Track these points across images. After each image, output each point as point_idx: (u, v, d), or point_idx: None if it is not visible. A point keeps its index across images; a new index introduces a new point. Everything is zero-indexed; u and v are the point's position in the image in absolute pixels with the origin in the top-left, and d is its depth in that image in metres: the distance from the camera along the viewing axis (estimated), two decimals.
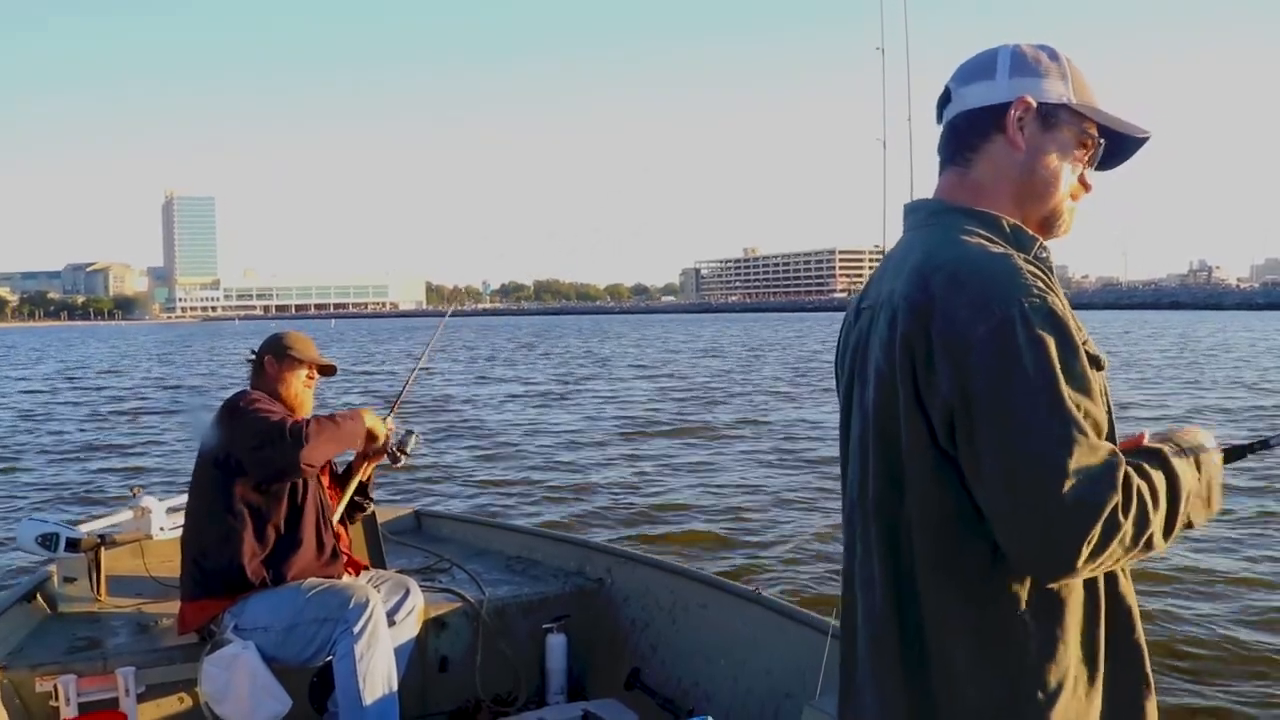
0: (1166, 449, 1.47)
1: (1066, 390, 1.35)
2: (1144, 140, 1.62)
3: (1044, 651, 1.42)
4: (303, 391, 3.92)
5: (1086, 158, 1.59)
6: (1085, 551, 1.31)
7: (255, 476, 3.59)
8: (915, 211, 1.63)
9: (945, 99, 1.65)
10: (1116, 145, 1.62)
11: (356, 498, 4.11)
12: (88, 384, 31.74)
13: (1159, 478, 1.41)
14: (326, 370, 4.02)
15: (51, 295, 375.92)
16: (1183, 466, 1.45)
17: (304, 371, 3.92)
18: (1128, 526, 1.34)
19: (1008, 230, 1.53)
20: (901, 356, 1.44)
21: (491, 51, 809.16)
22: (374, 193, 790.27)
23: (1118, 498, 1.33)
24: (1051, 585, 1.42)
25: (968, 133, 1.60)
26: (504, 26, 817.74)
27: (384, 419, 4.03)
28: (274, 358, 3.89)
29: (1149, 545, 1.39)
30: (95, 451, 15.93)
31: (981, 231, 1.51)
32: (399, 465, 4.14)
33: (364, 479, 4.11)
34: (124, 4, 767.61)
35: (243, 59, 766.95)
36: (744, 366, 33.34)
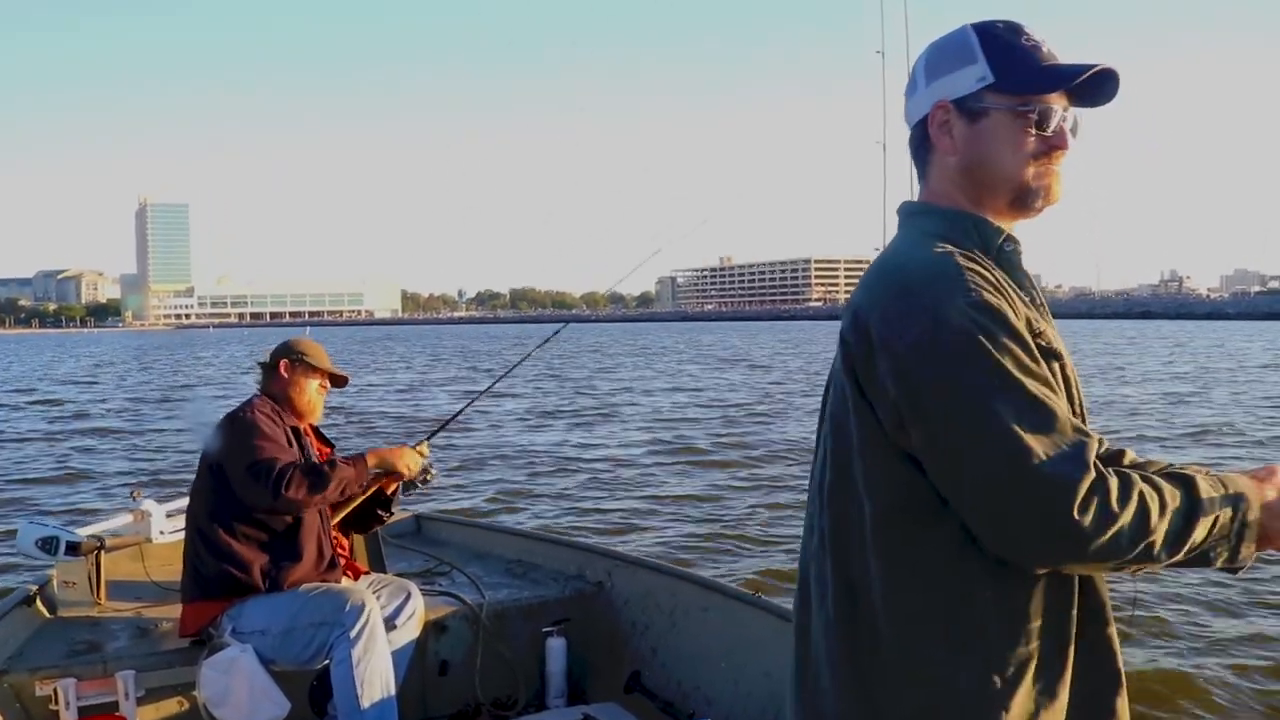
0: (1201, 477, 1.41)
1: (1014, 376, 1.34)
2: (1113, 73, 1.53)
3: (1008, 642, 1.41)
4: (315, 398, 3.97)
5: (1033, 124, 1.52)
6: (1085, 523, 1.29)
7: None
8: (899, 213, 1.66)
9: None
10: (1088, 88, 1.54)
11: (379, 511, 4.10)
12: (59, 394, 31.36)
13: (1172, 491, 1.37)
14: (339, 381, 4.07)
15: (23, 302, 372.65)
16: (1211, 495, 1.39)
17: (317, 380, 3.98)
18: (1125, 518, 1.31)
19: (971, 227, 1.54)
20: (844, 357, 1.48)
21: (479, 56, 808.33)
22: (349, 199, 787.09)
23: (1090, 477, 1.31)
24: (1019, 575, 1.41)
25: (914, 148, 1.64)
26: (495, 30, 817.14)
27: (416, 448, 4.05)
28: (289, 363, 3.94)
29: (1149, 552, 1.35)
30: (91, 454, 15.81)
31: (944, 231, 1.53)
32: (408, 494, 4.17)
33: (389, 493, 4.08)
34: (102, 9, 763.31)
35: (218, 65, 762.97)
36: (742, 377, 33.32)
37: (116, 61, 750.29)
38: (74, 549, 4.00)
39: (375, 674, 3.51)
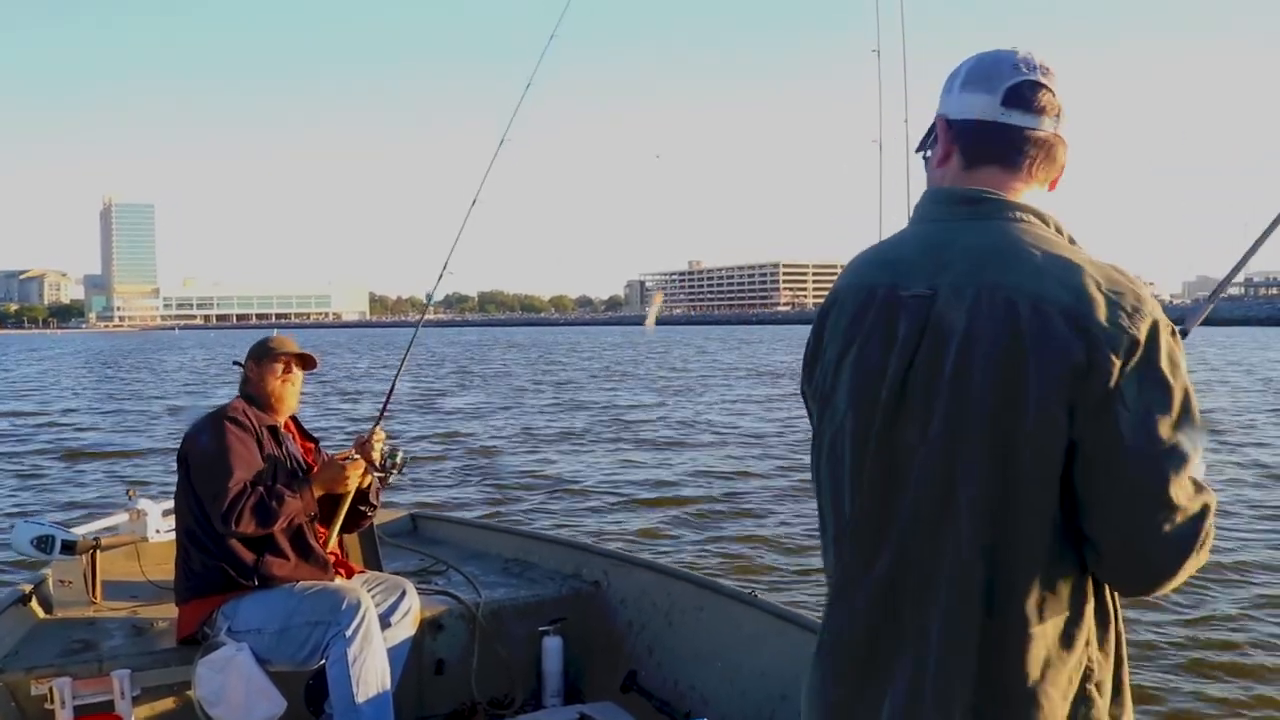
0: None
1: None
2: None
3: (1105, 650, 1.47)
4: (279, 388, 3.91)
5: None
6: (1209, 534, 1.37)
7: None
8: (967, 201, 1.54)
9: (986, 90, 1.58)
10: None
11: (361, 507, 4.04)
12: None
13: None
14: (305, 361, 4.00)
15: None
16: None
17: (279, 366, 3.92)
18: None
19: (1054, 229, 1.53)
20: (1052, 362, 1.35)
21: (449, 59, 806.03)
22: (316, 201, 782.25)
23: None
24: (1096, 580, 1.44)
25: (987, 134, 1.55)
26: (467, 30, 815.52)
27: (370, 438, 3.99)
28: (254, 361, 3.95)
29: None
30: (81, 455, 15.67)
31: (1059, 236, 1.51)
32: (388, 483, 4.12)
33: (363, 487, 3.98)
34: (67, 8, 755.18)
35: (182, 64, 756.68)
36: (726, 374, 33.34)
37: (80, 61, 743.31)
38: (69, 548, 3.99)
39: (371, 672, 3.52)
